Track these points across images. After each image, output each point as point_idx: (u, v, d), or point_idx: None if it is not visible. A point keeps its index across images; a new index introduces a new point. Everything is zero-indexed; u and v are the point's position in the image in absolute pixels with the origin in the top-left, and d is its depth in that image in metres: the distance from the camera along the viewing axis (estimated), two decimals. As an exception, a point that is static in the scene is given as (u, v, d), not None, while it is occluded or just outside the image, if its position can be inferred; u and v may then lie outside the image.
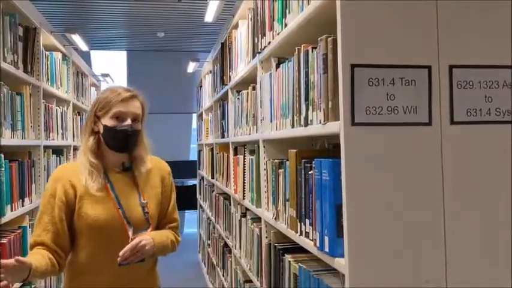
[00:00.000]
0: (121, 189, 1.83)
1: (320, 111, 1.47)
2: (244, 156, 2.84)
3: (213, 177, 4.75)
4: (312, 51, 1.56)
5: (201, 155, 6.35)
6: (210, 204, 5.12)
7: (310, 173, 1.59)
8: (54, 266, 1.72)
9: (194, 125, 9.43)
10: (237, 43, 3.13)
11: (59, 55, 3.92)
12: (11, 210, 2.57)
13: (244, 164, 2.85)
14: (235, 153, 3.28)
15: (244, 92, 2.86)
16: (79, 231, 1.78)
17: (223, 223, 3.96)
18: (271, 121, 2.16)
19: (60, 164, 3.85)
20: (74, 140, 4.48)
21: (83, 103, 5.05)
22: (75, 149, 4.83)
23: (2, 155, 2.39)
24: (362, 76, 1.27)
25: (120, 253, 1.71)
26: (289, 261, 1.87)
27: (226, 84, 3.53)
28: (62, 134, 3.97)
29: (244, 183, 2.85)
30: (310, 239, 1.59)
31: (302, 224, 1.68)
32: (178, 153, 9.01)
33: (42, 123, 3.25)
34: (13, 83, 2.67)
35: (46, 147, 3.40)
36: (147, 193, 1.88)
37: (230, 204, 3.56)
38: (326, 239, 1.40)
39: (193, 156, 9.12)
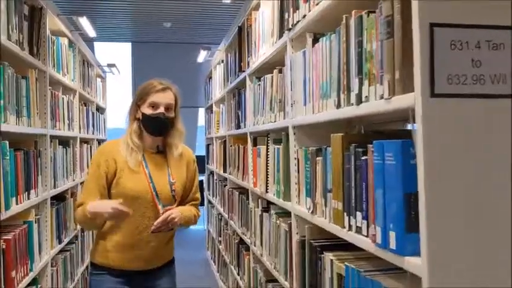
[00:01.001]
0: (154, 168, 2.15)
1: (381, 84, 1.25)
2: (268, 146, 2.63)
3: (225, 171, 4.54)
4: (368, 15, 1.34)
5: (210, 149, 6.14)
6: (221, 199, 4.91)
7: (363, 158, 1.38)
8: None
9: (200, 119, 9.24)
10: (257, 25, 2.91)
11: (65, 41, 3.71)
12: (16, 203, 2.36)
13: (267, 155, 2.63)
14: (255, 144, 3.07)
15: (268, 76, 2.64)
16: (114, 198, 2.07)
17: (238, 219, 3.75)
18: (304, 104, 1.95)
19: (66, 157, 3.64)
20: (80, 132, 4.27)
21: (88, 93, 4.83)
22: (85, 141, 4.62)
23: (7, 142, 2.18)
24: (443, 38, 1.06)
25: (155, 223, 2.06)
26: (331, 260, 1.66)
27: (244, 71, 3.32)
28: (69, 125, 3.75)
29: (267, 175, 2.64)
30: (364, 235, 1.38)
31: (351, 217, 1.47)
32: (183, 148, 8.80)
33: (49, 111, 3.04)
34: (18, 66, 2.46)
35: (52, 138, 3.19)
36: (175, 174, 2.19)
37: (248, 199, 3.35)
38: (391, 234, 1.19)
39: (199, 151, 8.91)
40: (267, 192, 2.65)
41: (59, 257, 3.33)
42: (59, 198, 3.46)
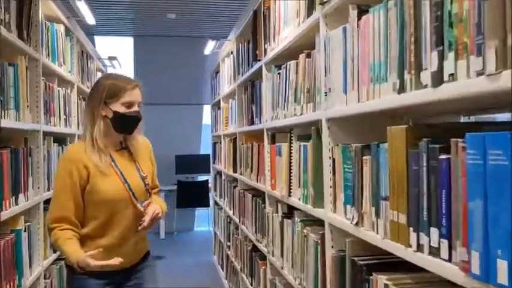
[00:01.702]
0: (123, 165, 2.09)
1: (478, 55, 0.91)
2: (291, 143, 2.29)
3: (235, 172, 4.20)
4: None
5: (217, 147, 5.81)
6: (230, 201, 4.58)
7: (443, 157, 1.04)
8: (77, 241, 1.98)
9: (205, 117, 8.90)
10: (277, 6, 2.57)
11: (62, 28, 3.38)
12: (2, 209, 2.02)
13: (290, 153, 2.30)
14: (273, 141, 2.73)
15: (291, 63, 2.31)
16: (90, 205, 2.02)
17: (252, 224, 3.41)
18: (345, 92, 1.61)
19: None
20: (78, 128, 3.94)
21: (88, 87, 4.49)
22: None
23: (-12, 138, 1.84)
24: None
25: (143, 223, 2.03)
26: (386, 285, 1.32)
27: (259, 60, 2.98)
28: (66, 120, 3.42)
29: (290, 177, 2.30)
30: (444, 259, 1.04)
31: (421, 234, 1.13)
32: (188, 147, 8.45)
33: (42, 104, 2.70)
34: (4, 51, 2.12)
35: (46, 134, 2.86)
36: (143, 166, 2.16)
37: (264, 203, 3.01)
38: (501, 264, 0.85)
39: (204, 150, 8.58)
40: (289, 196, 2.31)
41: (53, 268, 3.00)
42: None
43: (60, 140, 3.30)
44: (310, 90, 2.03)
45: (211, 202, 7.30)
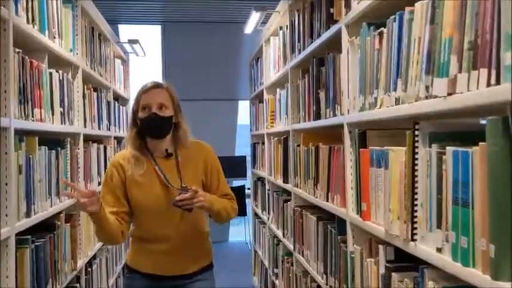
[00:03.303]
0: (166, 172, 2.05)
1: None
2: (415, 146, 1.31)
3: (286, 182, 3.24)
4: None
5: (258, 149, 4.85)
6: (278, 218, 3.61)
7: None
8: (118, 225, 2.00)
9: (240, 115, 7.97)
10: None
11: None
12: None
13: (413, 164, 1.31)
14: (362, 143, 1.75)
15: (407, 11, 1.33)
16: (134, 209, 2.07)
17: (316, 257, 2.44)
18: None
19: (57, 162, 2.41)
20: (85, 126, 3.05)
21: (101, 75, 3.61)
22: (95, 140, 3.42)
23: None
24: None
25: (179, 197, 1.94)
26: None
27: (337, 21, 2.00)
28: (62, 114, 2.52)
29: (413, 205, 1.32)
30: None
31: None
32: (221, 147, 7.49)
33: (14, 89, 1.80)
34: None
35: (24, 133, 1.96)
36: (187, 177, 2.06)
37: (341, 233, 2.04)
38: None
39: (240, 151, 7.64)
40: (412, 239, 1.33)
41: None
42: (46, 228, 2.25)
43: (53, 142, 2.40)
44: (474, 47, 1.04)
45: (248, 211, 6.36)
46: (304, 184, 2.72)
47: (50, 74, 2.35)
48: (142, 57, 5.22)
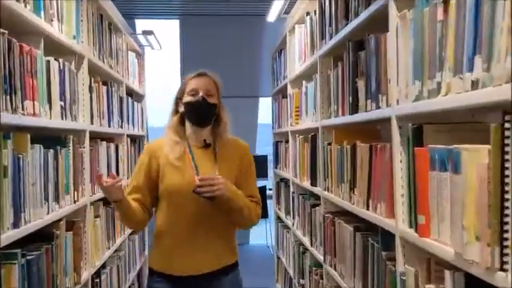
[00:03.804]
0: (200, 162, 2.04)
1: None
2: (504, 143, 0.97)
3: (314, 184, 2.91)
4: None
5: (280, 148, 4.52)
6: (305, 224, 3.28)
7: None
8: (139, 211, 2.04)
9: (260, 112, 7.65)
10: None
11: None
12: None
13: (503, 168, 0.97)
14: (418, 141, 1.41)
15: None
16: (161, 197, 2.06)
17: (353, 272, 2.10)
18: None
19: (56, 163, 2.12)
20: (92, 123, 2.76)
21: (112, 67, 3.32)
22: (105, 138, 3.14)
23: None
24: None
25: (199, 182, 1.92)
26: None
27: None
28: (63, 109, 2.23)
29: (496, 215, 0.98)
30: None
31: None
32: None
33: (-4, 76, 1.51)
34: None
35: (15, 129, 1.67)
36: (223, 170, 2.03)
37: (387, 249, 1.71)
38: None
39: (261, 150, 7.33)
40: (502, 269, 0.98)
41: None
42: (42, 238, 1.96)
43: (51, 140, 2.11)
44: None
45: (270, 213, 6.03)
46: (336, 188, 2.39)
47: (48, 62, 2.05)
48: (158, 50, 4.94)
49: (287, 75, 3.95)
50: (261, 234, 7.15)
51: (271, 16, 3.97)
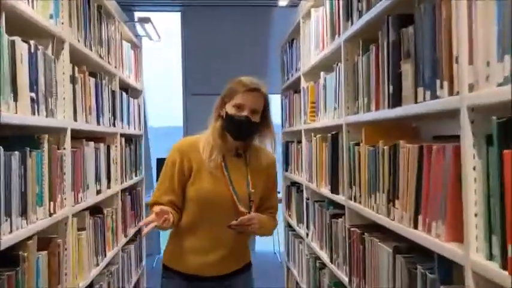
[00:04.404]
0: (233, 173, 2.05)
1: None
2: None
3: (336, 192, 2.49)
4: None
5: (291, 149, 4.11)
6: (323, 237, 2.86)
7: None
8: (176, 216, 2.01)
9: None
10: None
11: None
12: None
13: None
14: (506, 142, 0.99)
15: None
16: (188, 200, 2.04)
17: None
18: None
19: (23, 172, 1.71)
20: (76, 119, 2.35)
21: (101, 57, 2.90)
22: (93, 138, 2.74)
23: None
24: None
25: (238, 219, 1.94)
26: None
27: None
28: (35, 101, 1.82)
29: None
30: None
31: None
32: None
33: None
34: None
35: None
36: (254, 182, 2.07)
37: (435, 274, 1.29)
38: None
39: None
40: None
41: None
42: (2, 262, 1.56)
43: (15, 140, 1.70)
44: None
45: (279, 218, 5.62)
46: (367, 198, 1.97)
47: (12, 42, 1.64)
48: (157, 41, 4.51)
49: (300, 67, 3.53)
50: (268, 240, 6.74)
51: (283, 0, 3.53)
